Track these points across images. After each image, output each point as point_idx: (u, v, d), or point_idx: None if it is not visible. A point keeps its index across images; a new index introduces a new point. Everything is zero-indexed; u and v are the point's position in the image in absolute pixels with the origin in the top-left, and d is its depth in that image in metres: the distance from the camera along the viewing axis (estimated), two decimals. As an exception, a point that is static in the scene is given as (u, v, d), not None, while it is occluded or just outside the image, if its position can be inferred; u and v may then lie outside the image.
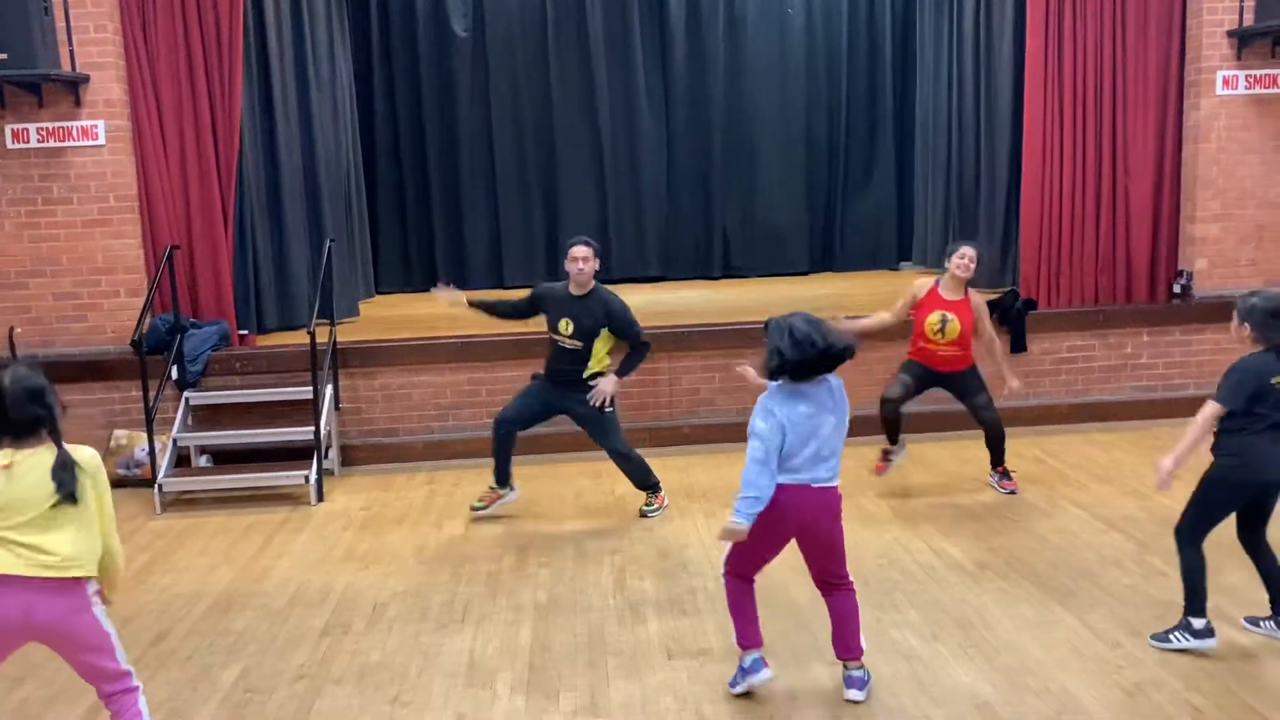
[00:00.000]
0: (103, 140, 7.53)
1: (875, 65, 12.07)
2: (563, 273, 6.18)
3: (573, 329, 6.05)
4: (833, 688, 4.21)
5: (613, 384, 6.12)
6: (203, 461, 7.60)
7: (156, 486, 6.94)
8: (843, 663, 4.19)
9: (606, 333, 6.09)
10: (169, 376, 7.39)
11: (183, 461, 7.44)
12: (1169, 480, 4.20)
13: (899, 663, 4.41)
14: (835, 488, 4.02)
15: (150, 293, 7.44)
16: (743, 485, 3.85)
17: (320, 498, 6.99)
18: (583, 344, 6.07)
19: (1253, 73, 8.20)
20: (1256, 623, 4.55)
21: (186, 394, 7.44)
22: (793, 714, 4.05)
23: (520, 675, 4.44)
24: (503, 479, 6.39)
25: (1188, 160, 8.44)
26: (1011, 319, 8.17)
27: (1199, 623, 4.34)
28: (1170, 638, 4.40)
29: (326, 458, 7.36)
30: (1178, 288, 8.51)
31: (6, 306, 7.62)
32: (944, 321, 6.30)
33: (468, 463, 7.38)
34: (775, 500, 3.88)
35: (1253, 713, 3.92)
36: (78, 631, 3.31)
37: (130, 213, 7.65)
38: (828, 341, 3.84)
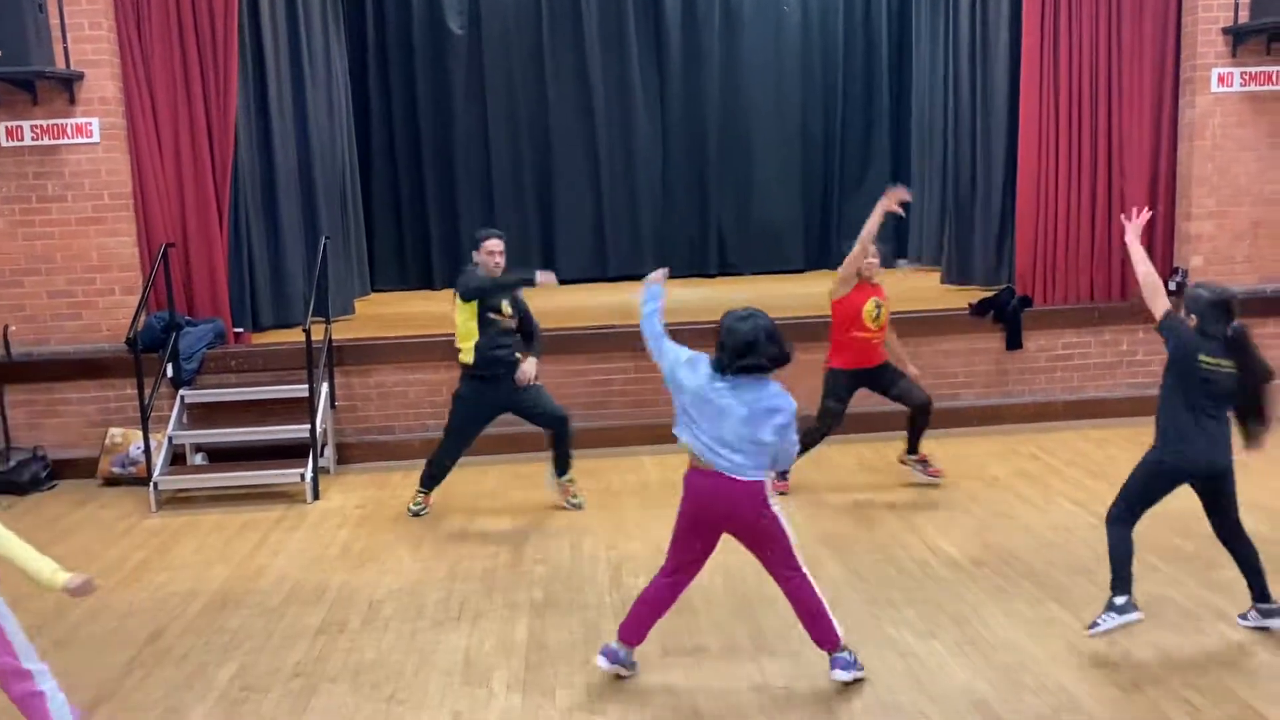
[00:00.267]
0: (97, 138, 7.51)
1: (871, 62, 12.07)
2: (560, 267, 6.27)
3: (511, 309, 6.38)
4: (827, 682, 4.21)
5: (533, 365, 6.42)
6: (198, 459, 7.59)
7: (152, 485, 6.93)
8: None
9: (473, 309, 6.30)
10: (164, 374, 7.39)
11: (178, 459, 7.44)
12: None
13: (895, 660, 4.41)
14: (748, 481, 4.01)
15: (145, 290, 7.43)
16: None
17: (316, 496, 6.98)
18: (515, 325, 6.43)
19: (1248, 70, 8.21)
20: (1245, 616, 4.57)
21: (182, 392, 7.44)
22: (789, 709, 4.06)
23: (516, 673, 4.44)
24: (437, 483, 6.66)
25: (1183, 157, 8.45)
26: (1007, 316, 8.18)
27: (1120, 599, 4.33)
28: (1099, 622, 4.39)
29: (322, 456, 7.35)
30: (1173, 285, 8.51)
31: (1, 305, 7.60)
32: (878, 307, 6.45)
33: (463, 461, 7.36)
34: (686, 483, 4.13)
35: (1248, 709, 3.93)
36: None
37: (125, 210, 7.63)
38: (752, 339, 3.96)
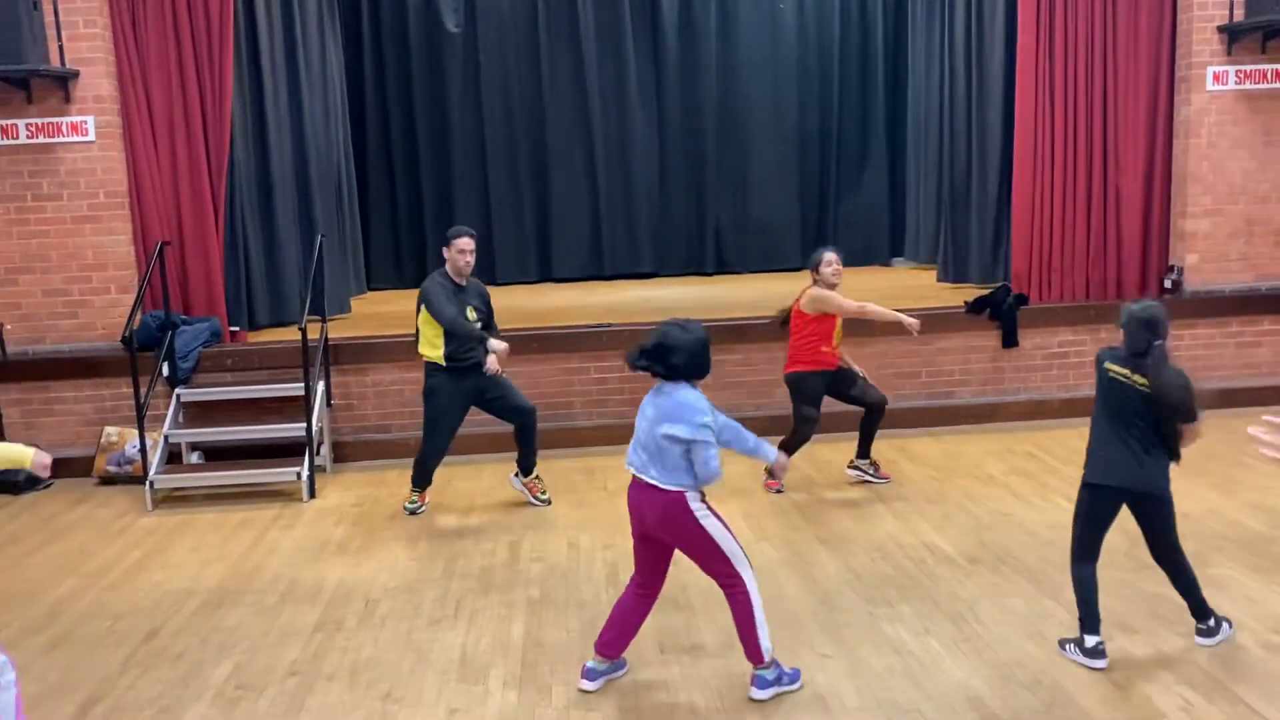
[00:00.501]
0: (93, 136, 7.50)
1: (867, 61, 12.08)
2: (558, 266, 6.23)
3: (475, 315, 6.39)
4: (823, 681, 4.22)
5: (502, 346, 6.40)
6: (194, 458, 7.58)
7: (148, 483, 6.92)
8: None
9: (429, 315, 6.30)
10: (160, 373, 7.38)
11: (174, 458, 7.43)
12: None
13: (891, 657, 4.42)
14: (666, 490, 4.01)
15: (141, 289, 7.42)
16: None
17: (312, 494, 6.97)
18: (482, 325, 6.44)
19: (1243, 68, 8.22)
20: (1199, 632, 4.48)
21: (178, 390, 7.43)
22: (784, 706, 4.06)
23: (513, 670, 4.44)
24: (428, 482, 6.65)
25: (1178, 155, 8.46)
26: (1003, 314, 8.19)
27: (1091, 640, 4.28)
28: (1065, 648, 4.38)
29: (318, 454, 7.35)
30: (1168, 283, 8.54)
31: (-4, 303, 7.61)
32: (841, 324, 6.53)
33: (460, 459, 7.37)
34: (628, 493, 4.20)
35: (1242, 705, 3.94)
36: None
37: (120, 209, 7.62)
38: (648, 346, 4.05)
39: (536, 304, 9.70)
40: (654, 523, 4.08)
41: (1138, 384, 4.20)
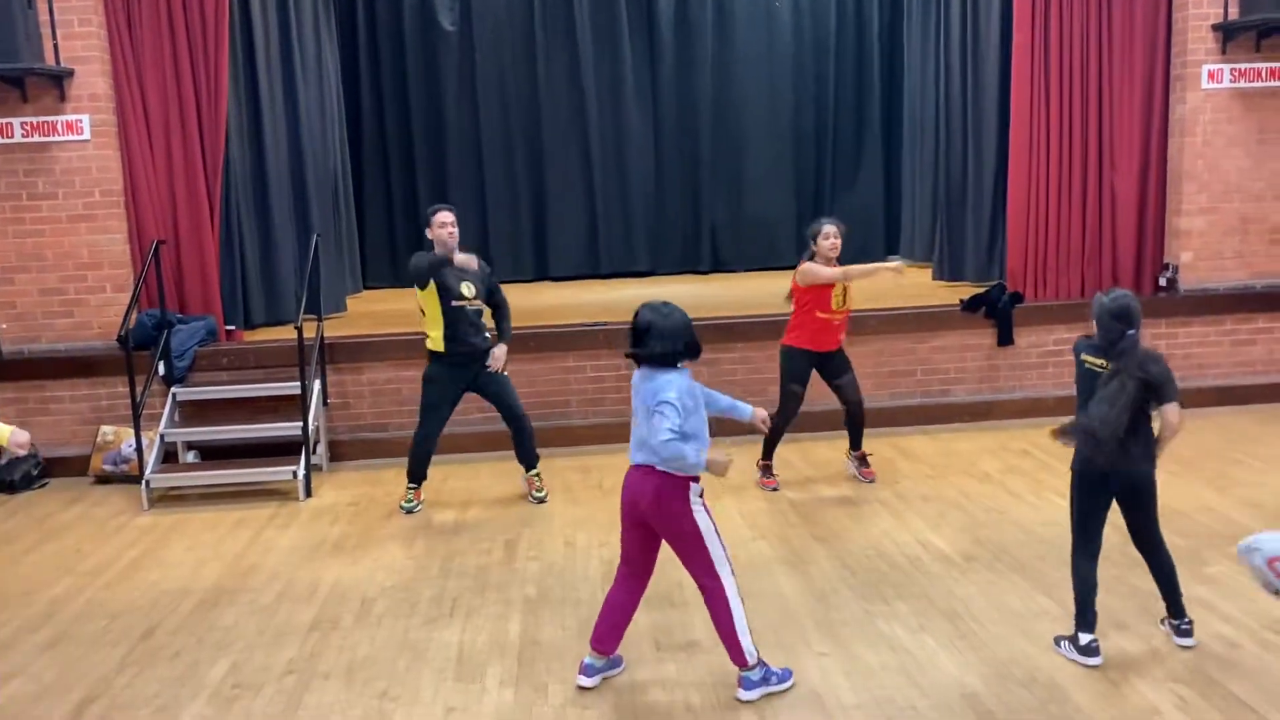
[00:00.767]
0: (88, 135, 7.49)
1: (863, 59, 12.08)
2: (553, 264, 6.24)
3: (474, 291, 6.35)
4: (818, 679, 4.23)
5: (504, 350, 6.52)
6: (190, 457, 7.57)
7: (144, 482, 6.92)
8: None
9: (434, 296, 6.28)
10: (156, 372, 7.37)
11: (170, 457, 7.41)
12: None
13: (886, 654, 4.43)
14: (662, 474, 4.00)
15: (136, 288, 7.41)
16: None
17: (308, 493, 6.97)
18: (482, 303, 6.41)
19: (1238, 66, 8.23)
20: (1163, 622, 4.51)
21: (174, 389, 7.42)
22: (780, 703, 4.07)
23: (509, 669, 4.45)
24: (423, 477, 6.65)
25: (1173, 154, 8.48)
26: (999, 312, 8.20)
27: (1085, 638, 4.28)
28: (1060, 644, 4.39)
29: (314, 453, 7.34)
30: (1163, 281, 8.55)
31: (-9, 302, 7.60)
32: (844, 290, 6.53)
33: (456, 457, 7.38)
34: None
35: (1236, 701, 3.95)
36: None
37: (116, 208, 7.62)
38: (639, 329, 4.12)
39: (532, 302, 9.69)
40: (648, 506, 4.05)
41: (1106, 371, 4.20)
